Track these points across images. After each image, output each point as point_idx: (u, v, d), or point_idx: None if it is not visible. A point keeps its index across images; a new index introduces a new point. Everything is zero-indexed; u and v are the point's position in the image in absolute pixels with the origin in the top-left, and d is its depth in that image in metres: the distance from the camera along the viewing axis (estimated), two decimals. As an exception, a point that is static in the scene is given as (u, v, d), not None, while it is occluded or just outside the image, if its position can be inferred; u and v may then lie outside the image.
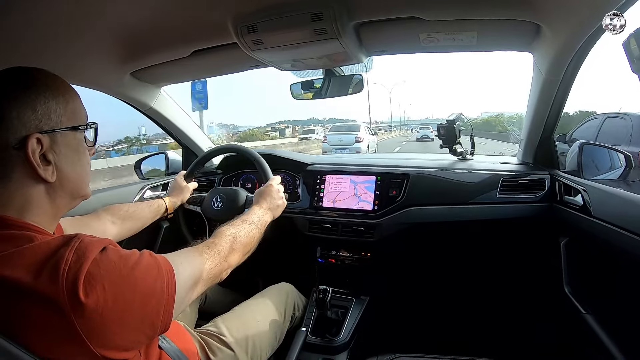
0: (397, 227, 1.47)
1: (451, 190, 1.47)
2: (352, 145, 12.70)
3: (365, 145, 13.06)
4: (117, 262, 0.55)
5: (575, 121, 6.25)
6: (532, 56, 1.21)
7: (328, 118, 66.42)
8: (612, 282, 1.09)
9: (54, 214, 0.64)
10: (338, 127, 15.95)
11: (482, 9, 0.98)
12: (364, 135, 13.40)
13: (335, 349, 1.30)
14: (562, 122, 1.31)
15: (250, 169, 1.77)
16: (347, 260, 1.59)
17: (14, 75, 0.60)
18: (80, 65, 1.21)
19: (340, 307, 1.46)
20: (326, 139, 14.15)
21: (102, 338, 0.51)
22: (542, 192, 1.39)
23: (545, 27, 1.00)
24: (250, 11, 0.99)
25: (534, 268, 1.49)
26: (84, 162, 0.68)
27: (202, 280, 0.73)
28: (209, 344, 1.01)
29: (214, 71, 1.55)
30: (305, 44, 1.09)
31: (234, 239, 0.89)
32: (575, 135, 5.36)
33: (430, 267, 1.67)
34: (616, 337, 1.01)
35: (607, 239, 1.01)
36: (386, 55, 1.34)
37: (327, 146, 13.56)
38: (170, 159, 1.90)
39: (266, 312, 1.21)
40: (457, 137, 1.56)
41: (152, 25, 1.06)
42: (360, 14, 1.02)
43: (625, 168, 1.19)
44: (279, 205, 1.22)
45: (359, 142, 12.84)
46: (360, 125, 14.59)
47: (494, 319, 1.60)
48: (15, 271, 0.49)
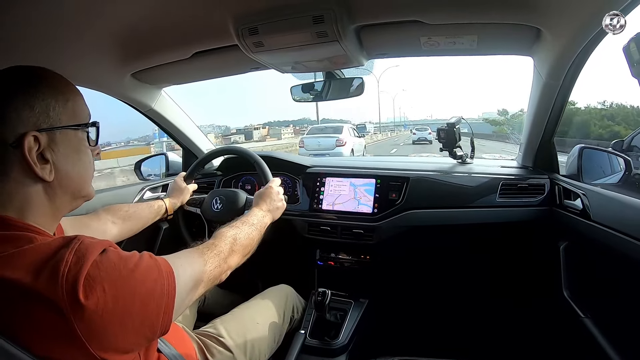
0: (397, 230, 1.47)
1: (451, 193, 1.47)
2: (333, 150, 10.80)
3: (349, 150, 11.36)
4: (117, 264, 0.54)
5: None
6: (533, 60, 1.21)
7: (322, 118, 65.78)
8: (612, 286, 1.09)
9: (54, 214, 0.64)
10: (318, 129, 13.67)
11: (483, 13, 0.98)
12: (347, 138, 11.63)
13: (334, 351, 1.30)
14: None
15: (250, 171, 1.77)
16: (346, 263, 1.59)
17: (13, 73, 0.60)
18: (80, 66, 1.21)
19: (339, 309, 1.46)
20: (303, 143, 12.15)
21: (101, 340, 0.51)
22: (541, 196, 1.39)
23: (546, 31, 1.00)
24: (252, 13, 0.99)
25: (533, 272, 1.49)
26: (85, 161, 0.67)
27: (202, 282, 0.73)
28: (208, 345, 1.01)
29: (215, 73, 1.55)
30: (306, 47, 1.09)
31: (233, 240, 0.89)
32: (636, 143, 4.56)
33: (430, 270, 1.67)
34: (615, 341, 1.01)
35: (606, 243, 1.02)
36: (387, 58, 1.34)
37: (304, 151, 11.20)
38: (170, 160, 1.91)
39: (265, 314, 1.21)
40: (457, 141, 1.56)
41: (153, 27, 1.06)
42: (361, 17, 1.02)
43: (625, 172, 1.19)
44: (278, 207, 1.22)
45: (341, 146, 11.09)
46: (343, 127, 12.62)
47: (492, 322, 1.60)
48: (15, 272, 0.49)
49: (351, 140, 11.78)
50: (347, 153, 11.16)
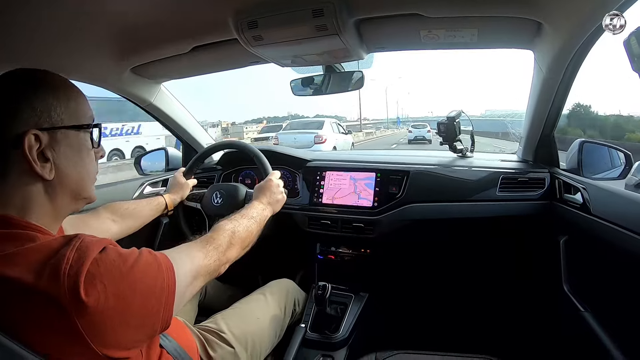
0: (397, 224, 1.47)
1: (451, 187, 1.47)
2: (311, 148, 9.33)
3: (330, 147, 10.10)
4: (116, 261, 0.55)
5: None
6: (533, 54, 1.20)
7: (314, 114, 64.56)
8: (611, 281, 1.09)
9: (55, 214, 0.64)
10: (297, 124, 12.50)
11: (483, 6, 0.97)
12: (329, 134, 10.51)
13: (334, 345, 1.31)
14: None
15: (249, 165, 1.77)
16: (346, 256, 1.60)
17: (15, 75, 0.61)
18: (80, 61, 1.21)
19: (340, 303, 1.46)
20: (277, 140, 10.83)
21: (103, 336, 0.51)
22: (541, 190, 1.39)
23: (547, 24, 0.99)
24: (251, 7, 0.99)
25: (533, 266, 1.49)
26: (87, 162, 0.67)
27: (201, 275, 0.73)
28: (209, 340, 1.01)
29: (214, 67, 1.54)
30: (305, 40, 1.09)
31: (232, 233, 0.89)
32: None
33: (430, 264, 1.68)
34: (615, 335, 1.02)
35: (606, 237, 1.02)
36: (386, 51, 1.33)
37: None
38: (170, 154, 1.90)
39: (266, 308, 1.21)
40: (457, 134, 1.56)
41: (152, 21, 1.05)
42: (360, 10, 1.02)
43: (625, 166, 1.19)
44: (278, 200, 1.22)
45: (320, 143, 10.05)
46: (324, 122, 11.37)
47: (492, 316, 1.61)
48: (17, 271, 0.49)
49: (333, 137, 10.71)
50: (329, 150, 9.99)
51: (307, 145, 9.63)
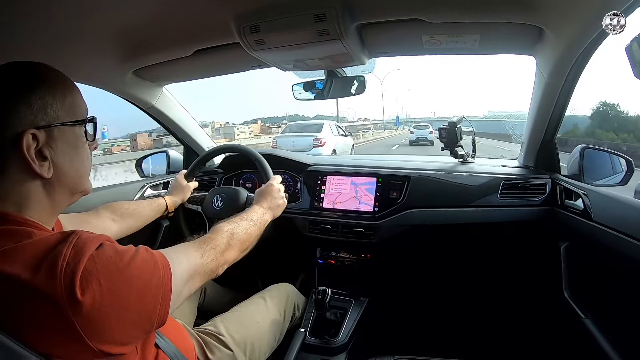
0: (397, 229, 1.47)
1: (452, 192, 1.47)
2: (310, 151, 9.11)
3: (329, 150, 9.98)
4: (113, 258, 0.55)
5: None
6: (535, 59, 1.21)
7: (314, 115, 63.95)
8: (612, 287, 1.09)
9: (53, 209, 0.64)
10: (296, 127, 12.10)
11: (485, 12, 0.97)
12: (328, 137, 10.25)
13: (333, 350, 1.30)
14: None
15: (251, 169, 1.77)
16: (346, 261, 1.60)
17: (10, 69, 0.60)
18: (82, 63, 1.21)
19: (339, 308, 1.46)
20: (276, 144, 10.72)
21: (99, 333, 0.51)
22: (542, 196, 1.39)
23: (548, 30, 1.00)
24: (253, 11, 0.99)
25: (533, 272, 1.48)
26: (83, 157, 0.67)
27: (198, 275, 0.73)
28: (207, 342, 1.01)
29: (216, 71, 1.55)
30: (307, 45, 1.09)
31: (231, 235, 0.89)
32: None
33: (430, 270, 1.67)
34: (616, 342, 1.01)
35: (607, 244, 1.01)
36: (389, 56, 1.34)
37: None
38: (172, 157, 1.90)
39: (266, 312, 1.21)
40: (459, 140, 1.55)
41: (154, 24, 1.06)
42: (363, 16, 1.02)
43: (626, 172, 1.19)
44: (279, 204, 1.22)
45: (319, 147, 9.78)
46: (323, 124, 11.04)
47: (492, 322, 1.60)
48: (14, 267, 0.49)
49: (332, 140, 10.48)
50: (327, 154, 9.70)
51: (305, 149, 9.29)
